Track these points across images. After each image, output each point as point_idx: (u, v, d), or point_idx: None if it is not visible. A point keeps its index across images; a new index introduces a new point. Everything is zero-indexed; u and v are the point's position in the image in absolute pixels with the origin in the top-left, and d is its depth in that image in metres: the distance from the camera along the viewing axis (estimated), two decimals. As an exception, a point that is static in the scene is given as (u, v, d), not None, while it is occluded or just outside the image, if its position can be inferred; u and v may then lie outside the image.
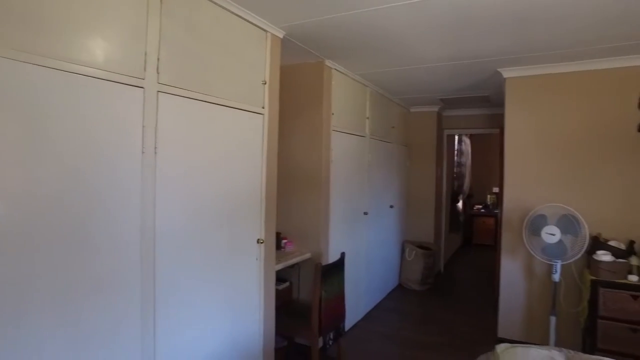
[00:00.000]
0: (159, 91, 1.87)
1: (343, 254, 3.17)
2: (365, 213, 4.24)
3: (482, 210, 8.47)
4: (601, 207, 3.41)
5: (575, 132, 3.54)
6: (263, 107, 2.62)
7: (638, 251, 3.12)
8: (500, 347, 1.86)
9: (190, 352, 2.11)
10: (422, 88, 4.62)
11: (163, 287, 1.92)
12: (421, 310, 4.72)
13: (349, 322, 3.92)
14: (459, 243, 8.21)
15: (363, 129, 4.22)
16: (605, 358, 1.80)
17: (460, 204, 7.62)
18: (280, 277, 3.43)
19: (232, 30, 2.36)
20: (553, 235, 3.16)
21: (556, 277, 3.29)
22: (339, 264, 3.08)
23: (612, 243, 3.20)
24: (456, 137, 7.07)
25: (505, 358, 1.77)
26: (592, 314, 3.07)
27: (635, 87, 3.34)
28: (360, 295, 4.20)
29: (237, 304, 2.46)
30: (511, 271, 3.79)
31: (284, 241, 3.45)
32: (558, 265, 3.25)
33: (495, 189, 7.39)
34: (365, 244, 4.30)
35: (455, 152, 7.08)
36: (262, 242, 2.59)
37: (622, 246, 3.17)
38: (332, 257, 3.48)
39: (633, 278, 2.99)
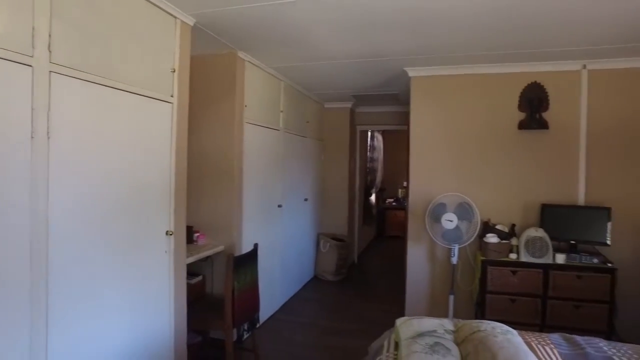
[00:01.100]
0: (51, 71, 1.73)
1: (256, 245, 3.19)
2: (280, 206, 4.29)
3: (394, 204, 8.98)
4: (490, 196, 3.82)
5: (469, 129, 3.92)
6: (172, 96, 2.53)
7: (518, 233, 3.56)
8: (399, 320, 2.03)
9: (91, 350, 1.99)
10: (334, 84, 4.78)
11: (58, 278, 1.78)
12: (336, 299, 4.90)
13: (265, 313, 3.95)
14: (373, 235, 8.63)
15: (277, 123, 4.26)
16: (484, 321, 2.05)
17: (373, 198, 8.00)
18: (193, 271, 3.34)
19: (137, 12, 2.25)
20: (451, 221, 3.47)
21: (454, 259, 3.63)
22: (252, 255, 3.09)
23: (498, 227, 3.61)
24: (369, 133, 7.41)
25: (402, 329, 1.93)
26: (482, 289, 3.45)
27: (517, 90, 3.79)
28: (275, 287, 4.25)
29: (145, 299, 2.36)
30: (416, 257, 4.09)
31: (196, 234, 3.37)
32: (455, 248, 3.58)
33: (406, 183, 7.88)
34: (280, 236, 4.35)
35: (368, 148, 7.42)
36: (171, 234, 2.51)
37: (506, 229, 3.59)
38: (246, 249, 3.48)
39: (513, 256, 3.41)
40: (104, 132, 2.04)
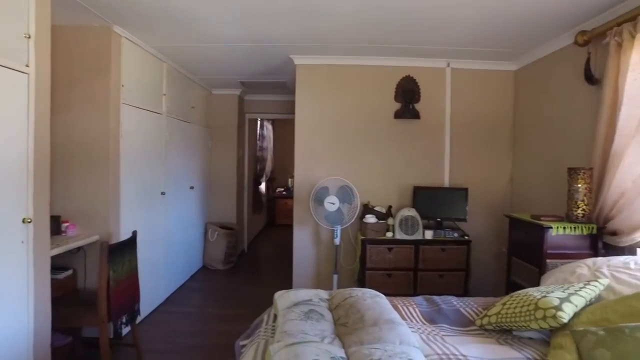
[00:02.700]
0: None
1: (135, 232, 3.01)
2: (163, 193, 4.08)
3: (284, 193, 9.14)
4: (369, 179, 4.13)
5: (351, 117, 4.17)
6: (27, 66, 2.24)
7: (394, 213, 3.90)
8: (278, 294, 2.12)
9: None
10: (221, 69, 4.68)
11: None
12: (225, 287, 4.85)
13: (148, 306, 3.75)
14: (263, 224, 8.68)
15: (159, 106, 4.03)
16: (356, 288, 2.24)
17: (263, 187, 8.03)
18: (62, 264, 3.04)
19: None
20: (333, 204, 3.67)
21: (337, 240, 3.84)
22: (130, 243, 2.90)
23: (377, 208, 3.92)
24: (258, 122, 7.41)
25: (280, 301, 2.02)
26: (362, 267, 3.72)
27: (393, 82, 4.14)
28: (159, 278, 4.05)
29: (-4, 297, 2.07)
30: (302, 240, 4.24)
31: (66, 224, 3.05)
32: (338, 230, 3.80)
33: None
34: (164, 225, 4.15)
35: (258, 137, 7.42)
36: (29, 222, 2.23)
37: (384, 210, 3.91)
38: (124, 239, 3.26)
39: (389, 234, 3.74)
40: None
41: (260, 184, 7.67)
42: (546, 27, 3.16)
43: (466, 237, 3.77)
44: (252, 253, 6.62)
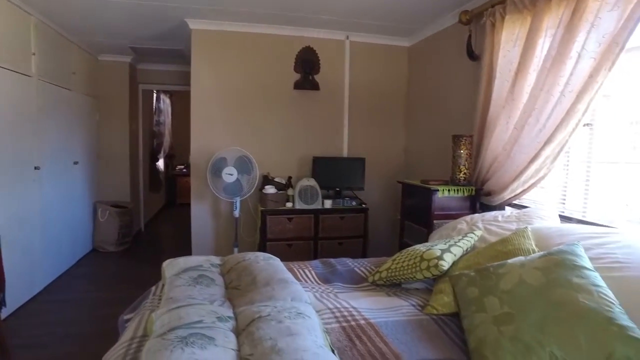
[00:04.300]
0: None
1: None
2: (37, 168, 3.60)
3: (185, 170, 8.67)
4: (269, 150, 4.07)
5: (250, 87, 4.04)
6: None
7: (294, 184, 3.90)
8: (165, 263, 1.99)
9: None
10: (106, 30, 4.21)
11: None
12: (118, 270, 4.49)
13: (23, 296, 3.33)
14: (163, 202, 8.20)
15: (28, 67, 3.50)
16: (249, 252, 2.20)
17: (161, 164, 7.55)
18: None
19: None
20: (231, 175, 3.56)
21: (236, 212, 3.74)
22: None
23: (277, 179, 3.89)
24: (154, 94, 6.89)
25: (168, 268, 1.90)
26: (263, 238, 3.68)
27: (293, 52, 4.09)
28: (35, 265, 3.59)
29: None
30: (200, 214, 4.07)
31: None
32: (237, 202, 3.70)
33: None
34: (39, 203, 3.67)
35: (154, 110, 6.91)
36: None
37: (284, 181, 3.89)
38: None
39: (289, 205, 3.74)
40: None
41: (157, 160, 7.19)
42: (435, 5, 3.34)
43: (364, 205, 3.92)
44: (150, 233, 6.22)
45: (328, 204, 3.81)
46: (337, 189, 3.99)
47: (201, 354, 1.15)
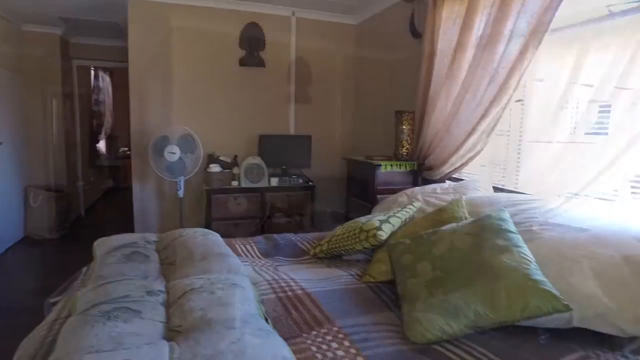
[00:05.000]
0: None
1: None
2: (-46, 147, 3.29)
3: (129, 152, 8.27)
4: (214, 129, 3.96)
5: (193, 63, 3.89)
6: None
7: (240, 163, 3.83)
8: (97, 242, 1.89)
9: None
10: (31, -3, 3.86)
11: None
12: (53, 257, 4.23)
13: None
14: (107, 186, 7.81)
15: None
16: (187, 228, 2.14)
17: (102, 145, 7.16)
18: None
19: None
20: (174, 154, 3.43)
21: (180, 193, 3.63)
22: None
23: (222, 158, 3.80)
24: (92, 71, 6.47)
25: (99, 247, 1.81)
26: (208, 218, 3.60)
27: (238, 28, 3.96)
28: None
29: None
30: (143, 196, 3.92)
31: None
32: (181, 181, 3.58)
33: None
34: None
35: (92, 88, 6.50)
36: None
37: (229, 160, 3.81)
38: None
39: (235, 183, 3.68)
40: None
41: (98, 142, 6.81)
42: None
43: (310, 183, 3.92)
44: (91, 218, 5.91)
45: (275, 182, 3.78)
46: (284, 167, 3.96)
47: (124, 327, 1.10)
